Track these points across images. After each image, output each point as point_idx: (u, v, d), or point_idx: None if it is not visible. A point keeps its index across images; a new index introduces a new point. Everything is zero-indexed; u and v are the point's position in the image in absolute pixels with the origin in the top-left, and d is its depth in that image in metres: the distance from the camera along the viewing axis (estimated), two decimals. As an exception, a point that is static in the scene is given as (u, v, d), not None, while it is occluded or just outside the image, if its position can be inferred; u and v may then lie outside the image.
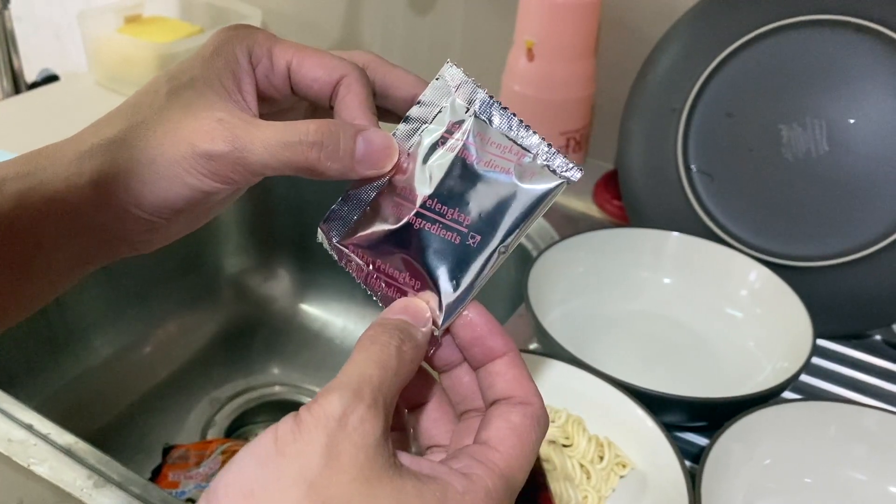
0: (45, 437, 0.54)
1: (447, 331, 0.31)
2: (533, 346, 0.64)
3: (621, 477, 0.53)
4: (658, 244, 0.70)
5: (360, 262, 0.33)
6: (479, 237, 0.31)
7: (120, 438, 0.80)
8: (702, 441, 0.58)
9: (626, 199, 0.77)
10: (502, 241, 0.31)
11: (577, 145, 0.85)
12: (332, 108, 0.34)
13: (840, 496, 0.53)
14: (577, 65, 0.80)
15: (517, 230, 0.31)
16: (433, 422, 0.32)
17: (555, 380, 0.55)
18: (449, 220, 0.32)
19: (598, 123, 0.90)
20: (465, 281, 0.31)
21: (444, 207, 0.32)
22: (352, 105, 0.33)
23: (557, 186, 0.31)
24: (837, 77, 0.65)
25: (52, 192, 0.32)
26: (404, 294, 0.32)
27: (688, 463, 0.49)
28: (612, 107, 0.85)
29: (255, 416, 0.86)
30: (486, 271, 0.31)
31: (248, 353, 0.92)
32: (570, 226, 0.80)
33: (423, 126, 0.33)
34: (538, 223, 0.72)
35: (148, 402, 0.84)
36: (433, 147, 0.33)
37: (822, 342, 0.67)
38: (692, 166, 0.70)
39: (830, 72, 0.65)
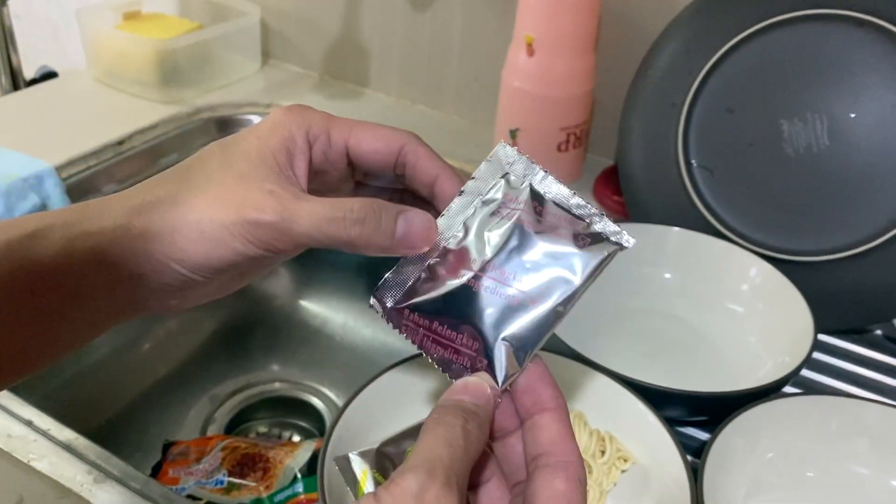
0: (44, 433, 0.54)
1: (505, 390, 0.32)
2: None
3: (623, 471, 0.53)
4: (658, 239, 0.70)
5: (416, 324, 0.33)
6: (537, 300, 0.32)
7: (120, 435, 0.79)
8: (703, 436, 0.58)
9: (626, 194, 0.77)
10: (560, 304, 0.32)
11: (577, 141, 0.85)
12: (398, 175, 0.36)
13: (842, 490, 0.53)
14: (576, 60, 0.80)
15: (576, 295, 0.32)
16: (495, 501, 0.32)
17: (556, 375, 0.54)
18: (507, 284, 0.32)
19: (598, 119, 0.90)
20: (524, 344, 0.32)
21: (502, 271, 0.33)
22: (426, 165, 0.36)
23: (612, 253, 0.32)
24: (838, 71, 0.65)
25: (97, 243, 0.33)
26: (459, 354, 0.32)
27: (689, 457, 0.49)
28: (612, 102, 0.85)
29: (255, 412, 0.86)
30: (544, 334, 0.32)
31: (248, 350, 0.92)
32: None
33: (478, 198, 0.34)
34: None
35: (148, 398, 0.84)
36: (490, 215, 0.34)
37: (823, 337, 0.67)
38: (692, 161, 0.70)
39: (831, 66, 0.65)
